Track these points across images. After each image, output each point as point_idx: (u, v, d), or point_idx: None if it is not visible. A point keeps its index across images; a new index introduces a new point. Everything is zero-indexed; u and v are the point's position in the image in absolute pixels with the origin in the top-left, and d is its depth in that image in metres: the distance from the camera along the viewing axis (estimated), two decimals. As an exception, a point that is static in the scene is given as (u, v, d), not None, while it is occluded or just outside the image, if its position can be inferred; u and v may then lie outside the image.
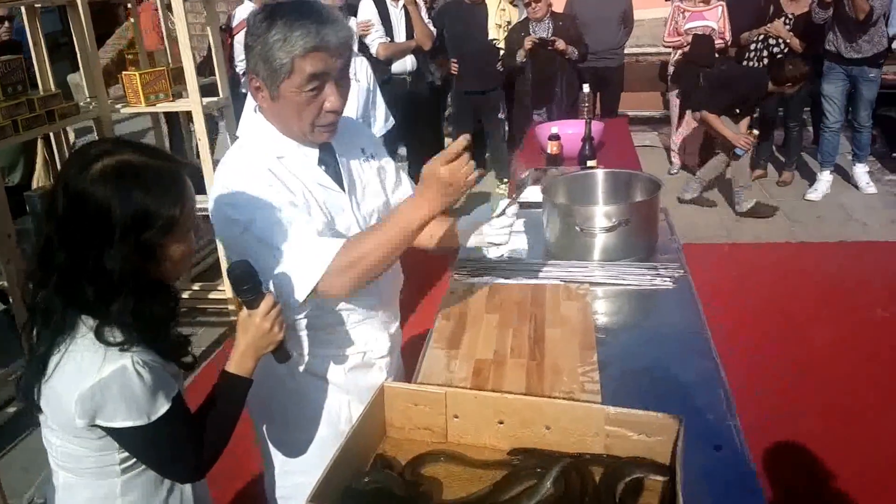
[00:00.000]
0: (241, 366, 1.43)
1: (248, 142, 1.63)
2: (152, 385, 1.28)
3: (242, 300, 1.41)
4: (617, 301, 2.06)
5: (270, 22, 1.47)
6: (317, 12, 1.48)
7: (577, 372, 1.64)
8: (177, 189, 1.29)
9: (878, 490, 2.72)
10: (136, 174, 1.24)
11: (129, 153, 1.27)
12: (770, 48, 5.93)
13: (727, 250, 5.06)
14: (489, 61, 5.95)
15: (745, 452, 1.39)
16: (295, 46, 1.45)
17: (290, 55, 1.46)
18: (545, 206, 2.39)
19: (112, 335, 1.25)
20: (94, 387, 1.23)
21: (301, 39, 1.45)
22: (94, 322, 1.26)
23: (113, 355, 1.24)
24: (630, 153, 3.91)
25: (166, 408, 1.31)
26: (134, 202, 1.22)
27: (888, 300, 4.13)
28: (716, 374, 1.66)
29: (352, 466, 1.27)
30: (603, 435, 1.31)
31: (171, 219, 1.26)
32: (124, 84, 4.08)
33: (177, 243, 1.31)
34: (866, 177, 6.04)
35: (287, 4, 1.50)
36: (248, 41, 1.52)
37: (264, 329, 1.41)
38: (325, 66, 1.49)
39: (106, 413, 1.25)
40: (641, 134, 7.82)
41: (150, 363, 1.28)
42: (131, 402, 1.26)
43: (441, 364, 1.72)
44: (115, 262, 1.23)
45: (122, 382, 1.24)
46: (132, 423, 1.27)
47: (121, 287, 1.25)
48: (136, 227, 1.23)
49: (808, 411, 3.17)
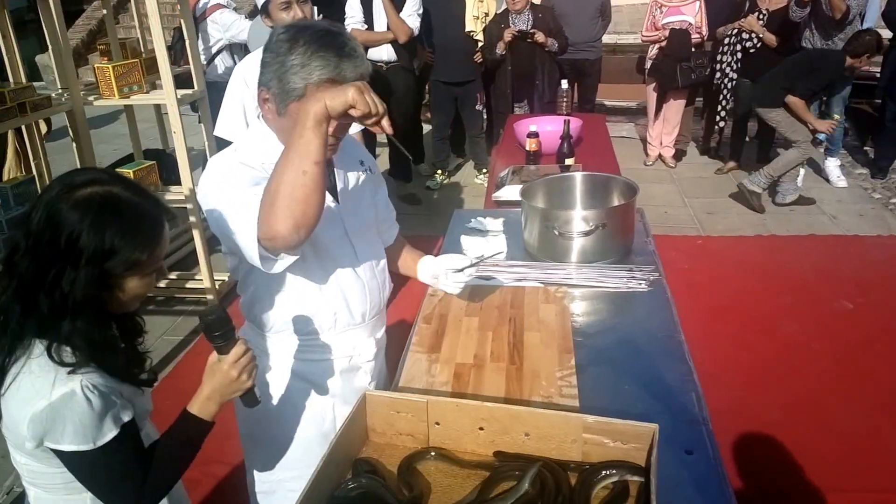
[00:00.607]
0: (203, 409, 1.42)
1: (245, 146, 1.64)
2: (101, 410, 1.27)
3: (213, 346, 1.40)
4: (594, 303, 2.10)
5: (292, 45, 1.48)
6: (339, 45, 1.49)
7: (555, 376, 1.68)
8: (152, 233, 1.31)
9: (845, 480, 2.80)
10: (117, 211, 1.26)
11: (118, 188, 1.29)
12: (743, 42, 6.00)
13: (700, 243, 5.13)
14: (466, 52, 5.95)
15: (716, 457, 1.43)
16: (311, 75, 1.47)
17: (304, 81, 1.48)
18: (524, 209, 2.43)
19: (64, 355, 1.26)
20: (44, 410, 1.24)
21: (318, 70, 1.47)
22: (47, 342, 1.27)
23: (63, 378, 1.25)
24: (607, 151, 3.96)
25: (113, 433, 1.30)
26: (105, 237, 1.24)
27: (854, 293, 4.23)
28: (689, 377, 1.71)
29: (335, 475, 1.30)
30: (581, 442, 1.35)
31: (137, 261, 1.29)
32: (97, 76, 4.04)
33: (135, 281, 1.33)
34: (837, 170, 6.16)
35: (312, 30, 1.50)
36: (266, 57, 1.54)
37: (231, 377, 1.40)
38: None
39: (53, 435, 1.26)
40: (618, 125, 7.89)
41: (100, 387, 1.28)
42: (78, 427, 1.25)
43: (422, 368, 1.75)
44: (71, 285, 1.24)
45: (71, 406, 1.25)
46: (76, 448, 1.27)
47: (74, 309, 1.26)
48: (100, 260, 1.25)
49: (774, 404, 3.24)
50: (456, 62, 5.93)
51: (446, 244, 2.51)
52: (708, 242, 5.15)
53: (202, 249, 4.13)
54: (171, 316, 4.30)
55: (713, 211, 5.70)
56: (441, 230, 2.66)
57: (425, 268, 1.98)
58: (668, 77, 6.22)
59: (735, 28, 6.00)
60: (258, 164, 1.58)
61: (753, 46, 5.93)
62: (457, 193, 6.35)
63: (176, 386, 3.31)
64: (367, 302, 1.79)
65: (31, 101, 3.72)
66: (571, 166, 3.41)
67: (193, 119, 4.61)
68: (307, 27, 1.52)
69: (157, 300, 4.45)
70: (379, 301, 1.84)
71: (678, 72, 6.15)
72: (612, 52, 8.26)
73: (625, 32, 8.79)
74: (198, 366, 1.46)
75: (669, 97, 6.45)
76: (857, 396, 3.31)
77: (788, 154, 5.53)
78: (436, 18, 5.83)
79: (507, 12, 5.82)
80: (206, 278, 4.23)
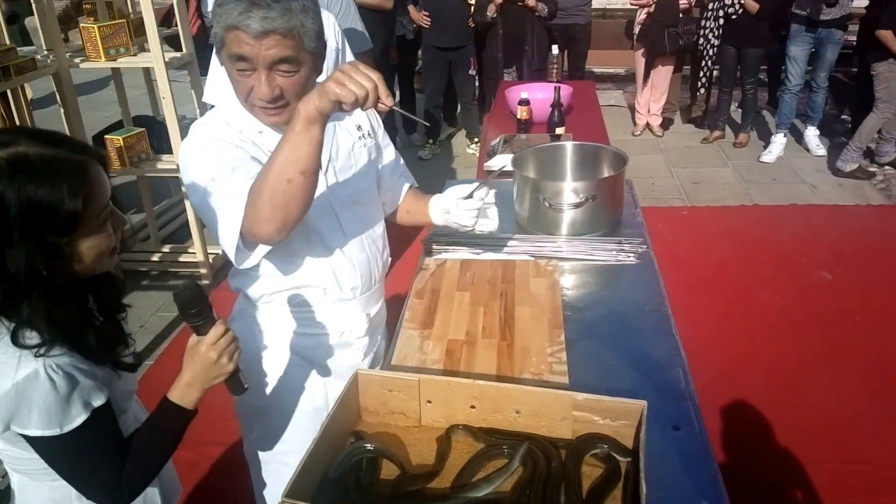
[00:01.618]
0: (184, 396, 1.34)
1: (225, 110, 1.59)
2: (66, 393, 1.19)
3: (190, 325, 1.32)
4: (583, 276, 2.12)
5: None
6: None
7: (545, 352, 1.71)
8: (77, 180, 1.16)
9: (825, 451, 2.87)
10: (29, 167, 1.13)
11: (24, 144, 1.15)
12: (726, 9, 5.98)
13: (686, 214, 5.17)
14: (461, 17, 5.89)
15: (702, 432, 1.47)
16: (220, 20, 1.40)
17: (218, 28, 1.41)
18: (515, 179, 2.43)
19: (28, 338, 1.19)
20: (7, 393, 1.17)
21: (226, 15, 1.38)
22: (11, 324, 1.19)
23: (27, 360, 1.18)
24: (597, 119, 3.96)
25: (82, 418, 1.22)
26: (27, 198, 1.11)
27: (833, 263, 4.31)
28: (676, 352, 1.74)
29: (328, 455, 1.32)
30: (571, 419, 1.38)
31: (72, 214, 1.15)
32: (83, 36, 3.96)
33: (86, 239, 1.20)
34: (816, 139, 6.21)
35: None
36: None
37: (210, 359, 1.32)
38: (248, 51, 1.40)
39: (20, 419, 1.19)
40: (607, 93, 7.88)
41: (65, 367, 1.20)
42: (43, 410, 1.18)
43: (414, 345, 1.77)
44: (16, 264, 1.14)
45: (35, 388, 1.17)
46: (42, 433, 1.20)
47: (27, 289, 1.16)
48: (35, 226, 1.13)
49: (756, 377, 3.31)
50: (450, 27, 5.87)
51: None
52: (693, 213, 5.20)
53: (195, 222, 4.09)
54: (165, 291, 4.23)
55: (699, 181, 5.74)
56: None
57: (436, 208, 1.89)
58: (656, 42, 6.21)
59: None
60: (254, 133, 1.55)
61: (735, 13, 5.92)
62: (449, 163, 6.34)
63: (170, 365, 3.29)
64: (358, 277, 1.77)
65: (15, 65, 3.64)
66: (562, 135, 3.42)
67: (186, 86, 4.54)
68: None
69: (150, 275, 4.37)
70: (371, 276, 1.81)
71: (665, 37, 6.14)
72: (601, 17, 8.20)
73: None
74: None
75: (657, 63, 6.45)
76: (837, 368, 3.39)
77: (868, 121, 5.60)
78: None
79: None
80: (199, 251, 4.20)
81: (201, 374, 1.33)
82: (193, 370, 1.33)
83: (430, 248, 2.25)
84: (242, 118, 1.56)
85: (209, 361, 1.32)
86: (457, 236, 2.30)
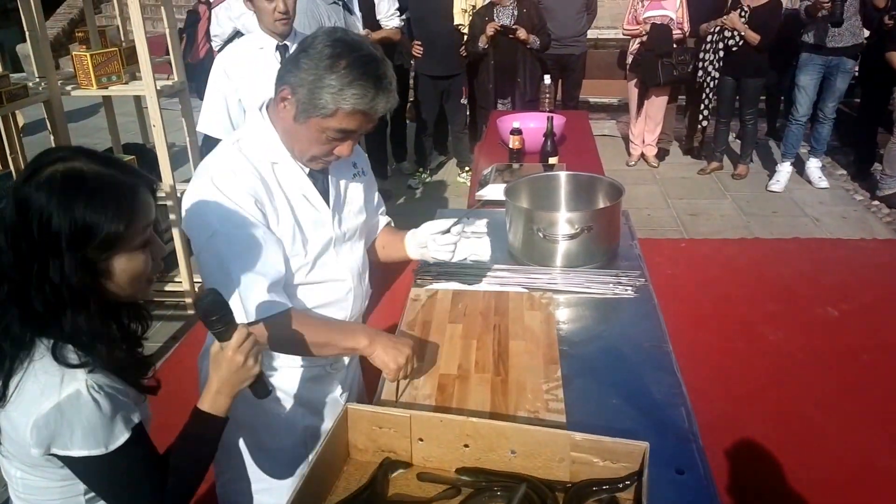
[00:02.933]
0: (215, 404, 1.35)
1: (247, 140, 1.60)
2: (110, 412, 1.20)
3: (212, 332, 1.32)
4: (579, 310, 2.06)
5: (334, 62, 1.44)
6: (379, 77, 1.47)
7: (541, 389, 1.64)
8: (126, 203, 1.20)
9: (834, 496, 2.77)
10: (82, 184, 1.17)
11: (82, 162, 1.19)
12: (726, 40, 5.98)
13: (684, 246, 5.12)
14: (454, 46, 5.90)
15: (708, 476, 1.40)
16: (346, 100, 1.45)
17: (336, 104, 1.46)
18: (508, 209, 2.38)
19: (69, 355, 1.19)
20: (48, 414, 1.16)
21: (354, 98, 1.45)
22: (51, 342, 1.19)
23: (69, 379, 1.17)
24: (591, 149, 3.92)
25: (125, 437, 1.23)
26: (76, 214, 1.15)
27: (839, 299, 4.22)
28: (677, 390, 1.67)
29: (317, 494, 1.25)
30: (569, 461, 1.31)
31: (114, 235, 1.18)
32: (75, 65, 3.95)
33: (122, 261, 1.22)
34: (819, 171, 6.17)
35: (358, 53, 1.46)
36: (303, 60, 1.47)
37: (237, 363, 1.32)
38: (359, 126, 1.52)
39: (61, 441, 1.18)
40: (600, 122, 7.87)
41: (106, 388, 1.21)
42: (87, 430, 1.18)
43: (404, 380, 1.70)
44: (60, 275, 1.16)
45: (78, 408, 1.17)
46: (88, 453, 1.20)
47: (72, 301, 1.18)
48: (79, 241, 1.16)
49: (761, 417, 3.21)
50: (442, 55, 5.87)
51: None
52: (691, 245, 5.14)
53: (181, 250, 4.04)
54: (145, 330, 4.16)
55: (696, 212, 5.70)
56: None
57: (412, 241, 1.92)
58: (650, 72, 6.21)
59: (718, 25, 5.98)
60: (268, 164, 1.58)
61: (736, 44, 5.91)
62: (439, 192, 6.30)
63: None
64: (348, 309, 1.77)
65: (7, 91, 3.61)
66: (555, 165, 3.38)
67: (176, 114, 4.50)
68: (355, 48, 1.47)
69: None
70: (356, 308, 1.82)
71: (659, 67, 6.14)
72: (593, 47, 8.23)
73: (606, 27, 8.75)
74: (177, 373, 1.41)
75: (651, 93, 6.45)
76: (846, 410, 3.28)
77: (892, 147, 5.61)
78: (424, 11, 5.77)
79: (492, 4, 5.76)
80: (185, 280, 4.14)
81: (229, 379, 1.34)
82: (220, 377, 1.34)
83: (421, 279, 2.19)
84: (258, 151, 1.58)
85: (237, 365, 1.33)
86: (448, 266, 2.24)
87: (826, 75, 5.77)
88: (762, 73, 6.07)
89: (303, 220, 1.62)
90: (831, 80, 5.75)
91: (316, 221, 1.65)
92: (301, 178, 1.63)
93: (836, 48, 5.62)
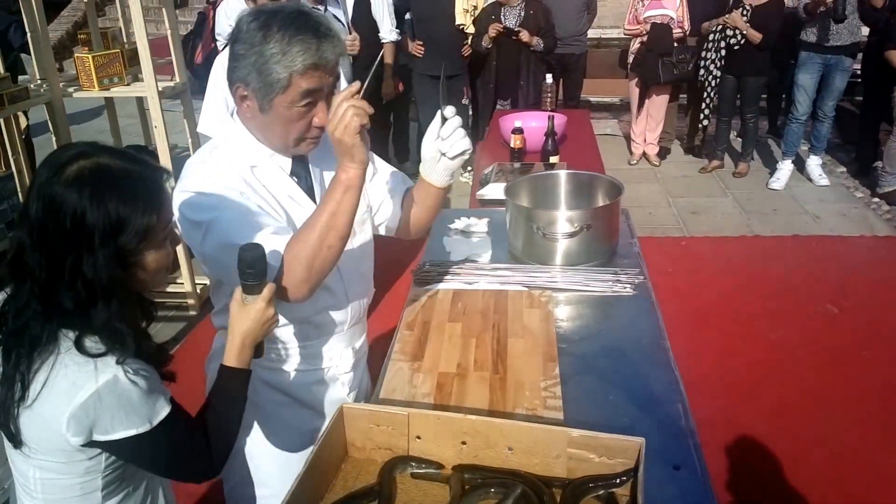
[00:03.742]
0: (241, 357, 1.38)
1: (222, 145, 1.58)
2: (148, 389, 1.24)
3: (245, 283, 1.35)
4: (578, 308, 2.07)
5: (266, 32, 1.41)
6: (314, 26, 1.43)
7: (539, 386, 1.65)
8: (153, 196, 1.24)
9: (834, 492, 2.78)
10: (113, 179, 1.20)
11: (106, 157, 1.22)
12: (727, 39, 5.97)
13: (684, 244, 5.12)
14: (455, 46, 5.89)
15: (704, 473, 1.41)
16: (294, 62, 1.41)
17: (288, 70, 1.42)
18: (508, 208, 2.39)
19: (95, 345, 1.21)
20: (86, 402, 1.18)
21: (301, 55, 1.41)
22: (74, 334, 1.21)
23: (102, 366, 1.20)
24: (592, 148, 3.94)
25: (167, 410, 1.27)
26: (110, 208, 1.18)
27: (839, 296, 4.23)
28: (675, 387, 1.68)
29: (313, 493, 1.26)
30: (565, 457, 1.32)
31: (147, 226, 1.22)
32: (77, 66, 3.97)
33: (152, 252, 1.26)
34: (819, 169, 6.17)
35: (284, 14, 1.43)
36: (238, 48, 1.47)
37: (268, 315, 1.37)
38: (321, 82, 1.46)
39: (102, 426, 1.21)
40: (602, 122, 7.87)
41: (140, 371, 1.24)
42: (129, 411, 1.22)
43: (404, 378, 1.71)
44: (95, 269, 1.18)
45: (118, 392, 1.20)
46: (135, 432, 1.23)
47: (105, 294, 1.20)
48: (113, 235, 1.19)
49: (760, 413, 3.22)
50: (444, 56, 5.83)
51: (430, 245, 2.47)
52: (692, 244, 5.14)
53: (183, 252, 4.05)
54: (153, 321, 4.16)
55: (697, 211, 5.70)
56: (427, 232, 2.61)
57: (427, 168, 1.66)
58: (650, 72, 6.22)
59: (719, 24, 5.98)
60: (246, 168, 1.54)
61: (738, 43, 5.91)
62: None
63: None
64: (349, 310, 1.75)
65: (9, 93, 3.63)
66: (556, 164, 3.39)
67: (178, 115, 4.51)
68: (276, 11, 1.44)
69: None
70: (360, 309, 1.80)
71: (660, 66, 6.15)
72: (595, 47, 8.23)
73: (608, 27, 8.76)
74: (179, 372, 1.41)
75: (652, 93, 6.46)
76: (845, 406, 3.28)
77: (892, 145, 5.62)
78: (425, 11, 5.77)
79: (499, 4, 5.74)
80: (187, 282, 4.15)
81: (254, 330, 1.37)
82: (245, 329, 1.36)
83: (421, 279, 2.20)
84: (236, 156, 1.55)
85: (267, 317, 1.37)
86: (448, 265, 2.25)
87: (825, 74, 5.78)
88: (763, 72, 6.07)
89: (291, 220, 1.58)
90: (830, 79, 5.76)
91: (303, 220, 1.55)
92: (283, 178, 1.59)
93: (835, 46, 5.63)
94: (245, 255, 1.32)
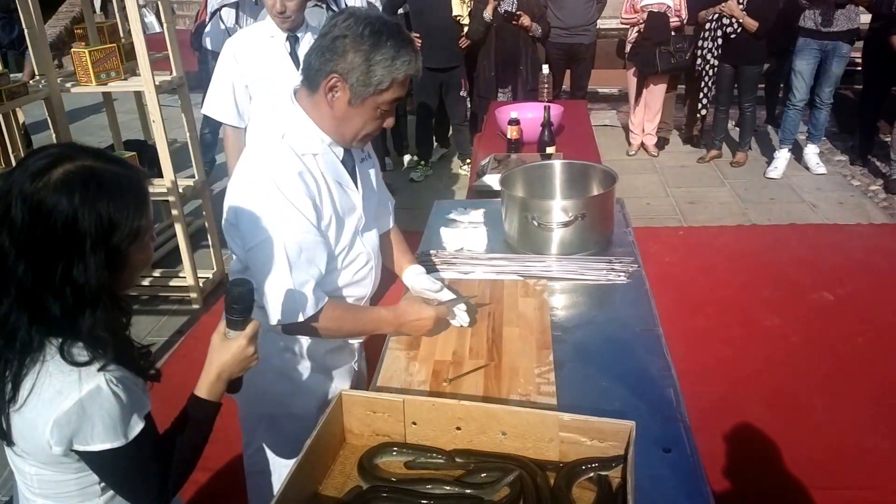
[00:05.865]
0: (213, 390, 1.37)
1: (292, 135, 1.66)
2: (128, 402, 1.22)
3: (229, 318, 1.36)
4: (573, 296, 2.09)
5: (377, 39, 1.55)
6: (409, 42, 1.60)
7: (533, 373, 1.68)
8: (141, 197, 1.24)
9: (827, 477, 2.80)
10: (101, 182, 1.18)
11: (89, 160, 1.20)
12: (724, 28, 5.97)
13: (682, 234, 5.14)
14: (452, 37, 5.90)
15: (694, 454, 1.44)
16: (399, 70, 1.57)
17: (391, 76, 1.57)
18: (503, 199, 2.41)
19: (79, 353, 1.19)
20: (69, 411, 1.17)
21: (405, 66, 1.58)
22: (59, 341, 1.19)
23: (86, 375, 1.18)
24: (588, 139, 3.95)
25: (141, 426, 1.25)
26: (101, 213, 1.16)
27: (835, 284, 4.24)
28: (667, 372, 1.71)
29: (311, 477, 1.29)
30: (557, 441, 1.35)
31: (137, 228, 1.21)
32: (74, 61, 3.97)
33: (139, 252, 1.26)
34: (816, 157, 6.18)
35: (390, 26, 1.59)
36: (342, 45, 1.56)
37: (248, 352, 1.37)
38: (405, 92, 1.66)
39: (82, 436, 1.20)
40: (601, 112, 7.88)
41: (123, 380, 1.22)
42: (108, 423, 1.20)
43: (400, 366, 1.74)
44: (86, 275, 1.16)
45: (100, 403, 1.19)
46: (109, 445, 1.21)
47: (93, 300, 1.19)
48: (105, 237, 1.17)
49: (755, 400, 3.24)
50: (441, 47, 5.84)
51: (426, 236, 2.50)
52: (690, 233, 5.15)
53: (185, 246, 4.07)
54: (155, 315, 4.13)
55: (695, 201, 5.71)
56: (425, 224, 2.64)
57: (408, 278, 2.05)
58: (648, 61, 6.22)
59: (716, 13, 5.96)
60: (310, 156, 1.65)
61: (734, 31, 5.91)
62: (441, 185, 6.30)
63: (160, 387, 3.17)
64: (368, 285, 1.88)
65: (7, 89, 3.64)
66: (553, 155, 3.40)
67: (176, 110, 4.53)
68: (385, 22, 1.59)
69: (140, 299, 4.29)
70: (375, 283, 1.92)
71: (657, 56, 6.15)
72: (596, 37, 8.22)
73: (607, 17, 8.73)
74: (183, 367, 1.44)
75: (650, 82, 6.45)
76: (839, 392, 3.30)
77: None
78: (422, 3, 5.77)
79: None
80: (189, 276, 4.17)
81: (231, 366, 1.37)
82: (223, 363, 1.36)
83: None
84: (303, 145, 1.65)
85: (247, 355, 1.37)
86: (444, 255, 2.28)
87: (822, 60, 5.77)
88: (761, 61, 6.07)
89: (340, 207, 1.71)
90: (827, 65, 5.75)
91: (350, 207, 1.74)
92: (338, 165, 1.72)
93: (832, 32, 5.62)
94: (233, 289, 1.33)
